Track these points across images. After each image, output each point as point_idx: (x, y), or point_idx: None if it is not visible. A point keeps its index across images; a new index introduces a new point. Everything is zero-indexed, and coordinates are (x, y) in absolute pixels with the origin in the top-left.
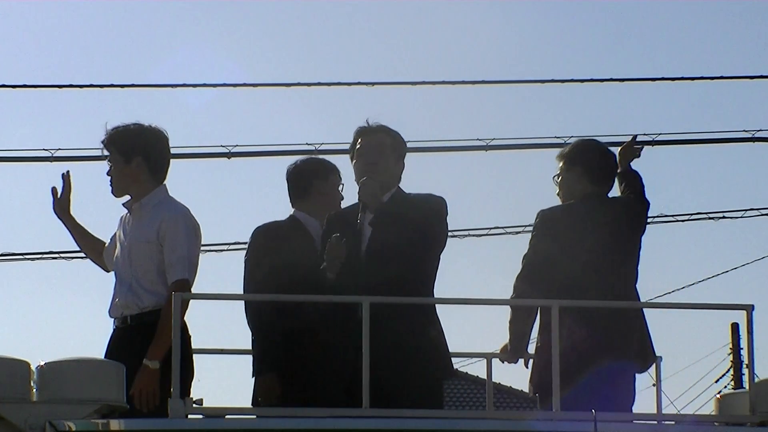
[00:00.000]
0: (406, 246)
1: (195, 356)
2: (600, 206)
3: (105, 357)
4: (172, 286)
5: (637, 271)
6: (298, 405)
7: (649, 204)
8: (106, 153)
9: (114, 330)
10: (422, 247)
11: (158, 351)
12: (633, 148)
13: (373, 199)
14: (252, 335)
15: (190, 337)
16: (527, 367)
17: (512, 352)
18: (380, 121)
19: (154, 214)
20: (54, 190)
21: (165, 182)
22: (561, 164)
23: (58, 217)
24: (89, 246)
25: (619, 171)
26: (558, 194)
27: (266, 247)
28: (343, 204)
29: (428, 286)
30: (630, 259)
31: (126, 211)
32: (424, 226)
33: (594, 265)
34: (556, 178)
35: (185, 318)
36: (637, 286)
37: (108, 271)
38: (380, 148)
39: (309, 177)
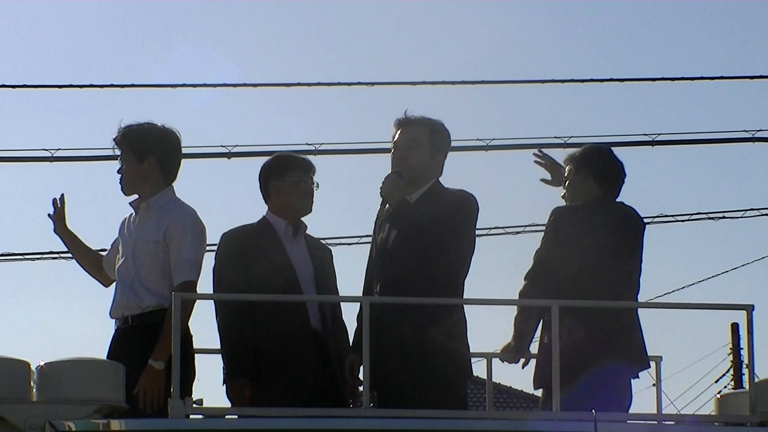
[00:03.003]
0: (411, 250)
1: (195, 356)
2: (605, 209)
3: (107, 358)
4: (179, 287)
5: (639, 280)
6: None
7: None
8: (117, 151)
9: (115, 331)
10: (430, 252)
11: (163, 352)
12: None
13: (389, 196)
14: (221, 339)
15: (191, 337)
16: (523, 369)
17: (515, 351)
18: (418, 113)
19: (161, 215)
20: (55, 202)
21: (173, 183)
22: (569, 168)
23: (56, 232)
24: (87, 259)
25: None
26: (563, 197)
27: (234, 253)
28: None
29: (437, 288)
30: (633, 262)
31: (127, 216)
32: (434, 232)
33: (595, 265)
34: (563, 181)
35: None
36: (638, 295)
37: (107, 286)
38: (411, 142)
39: (266, 177)
